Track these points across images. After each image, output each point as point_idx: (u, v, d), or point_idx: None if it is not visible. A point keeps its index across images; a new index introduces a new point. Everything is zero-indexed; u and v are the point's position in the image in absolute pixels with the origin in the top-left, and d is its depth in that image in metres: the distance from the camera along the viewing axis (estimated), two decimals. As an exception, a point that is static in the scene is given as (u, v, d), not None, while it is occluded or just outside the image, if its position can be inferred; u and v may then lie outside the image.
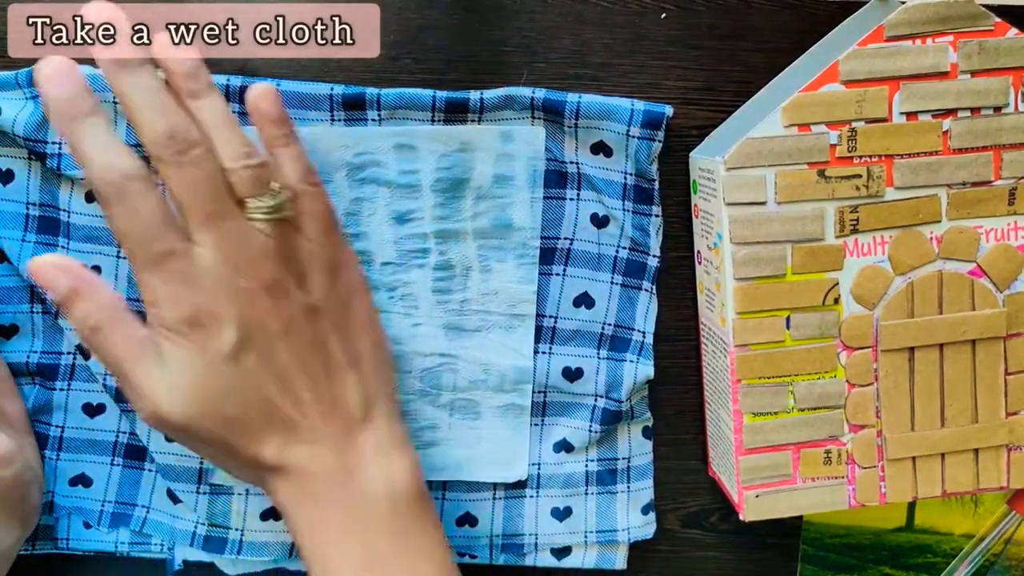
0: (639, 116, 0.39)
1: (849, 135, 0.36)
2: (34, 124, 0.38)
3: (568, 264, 0.41)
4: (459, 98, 0.39)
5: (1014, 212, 0.38)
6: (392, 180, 0.39)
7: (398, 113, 0.39)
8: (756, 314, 0.37)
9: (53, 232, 0.39)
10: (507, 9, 0.41)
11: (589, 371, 0.41)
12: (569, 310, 0.41)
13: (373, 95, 0.39)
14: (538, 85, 0.40)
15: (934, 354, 0.38)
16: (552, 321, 0.41)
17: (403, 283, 0.40)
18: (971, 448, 0.38)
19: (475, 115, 0.39)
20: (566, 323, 0.41)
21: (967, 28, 0.36)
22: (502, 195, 0.40)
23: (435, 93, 0.39)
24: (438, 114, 0.39)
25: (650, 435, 0.43)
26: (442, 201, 0.40)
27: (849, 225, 0.37)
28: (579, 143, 0.40)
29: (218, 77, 0.38)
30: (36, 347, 0.40)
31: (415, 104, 0.39)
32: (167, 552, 0.41)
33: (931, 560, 0.45)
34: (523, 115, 0.39)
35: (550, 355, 0.41)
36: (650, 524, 0.43)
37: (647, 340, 0.42)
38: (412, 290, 0.40)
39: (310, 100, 0.39)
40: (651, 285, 0.42)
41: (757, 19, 0.41)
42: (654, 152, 0.40)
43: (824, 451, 0.38)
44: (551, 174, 0.40)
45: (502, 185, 0.40)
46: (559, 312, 0.41)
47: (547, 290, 0.41)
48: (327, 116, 0.39)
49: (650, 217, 0.41)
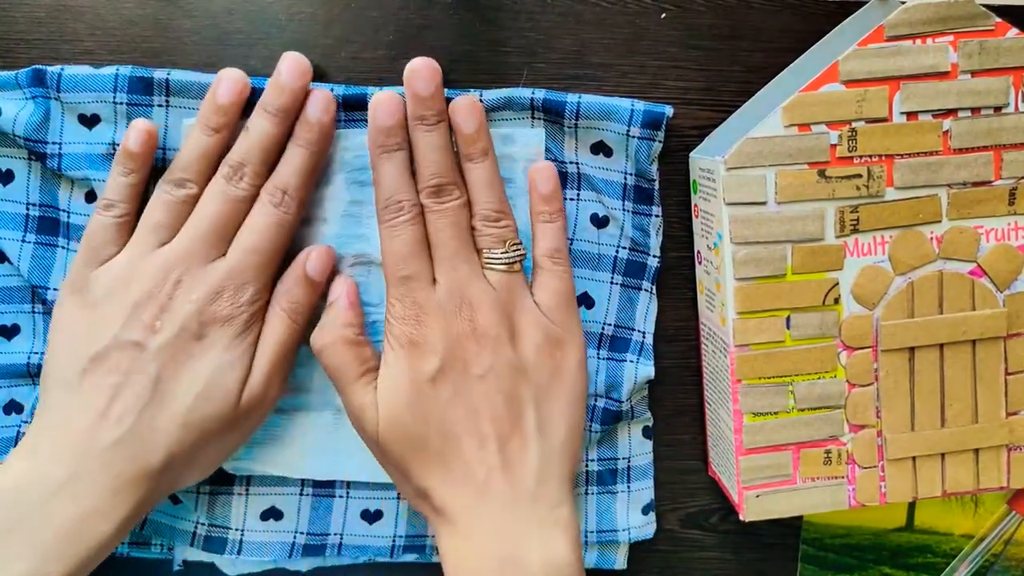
0: (639, 116, 0.39)
1: (849, 135, 0.36)
2: (34, 124, 0.38)
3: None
4: (460, 94, 0.39)
5: (1014, 212, 0.38)
6: None
7: None
8: (756, 314, 0.37)
9: (53, 232, 0.39)
10: (507, 9, 0.41)
11: (589, 371, 0.41)
12: None
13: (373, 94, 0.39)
14: (538, 85, 0.40)
15: (934, 354, 0.38)
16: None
17: None
18: (971, 448, 0.38)
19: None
20: None
21: (967, 28, 0.36)
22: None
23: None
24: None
25: (650, 435, 0.43)
26: None
27: (849, 225, 0.37)
28: (579, 143, 0.40)
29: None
30: (36, 347, 0.40)
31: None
32: (167, 553, 0.41)
33: (931, 560, 0.45)
34: (523, 115, 0.39)
35: None
36: (650, 524, 0.43)
37: (647, 340, 0.42)
38: None
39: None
40: (651, 285, 0.42)
41: (757, 19, 0.41)
42: (654, 152, 0.40)
43: (824, 451, 0.38)
44: None
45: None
46: None
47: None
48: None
49: (650, 217, 0.41)
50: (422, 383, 0.35)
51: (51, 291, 0.39)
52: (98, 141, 0.38)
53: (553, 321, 0.37)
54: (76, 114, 0.38)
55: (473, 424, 0.35)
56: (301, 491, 0.41)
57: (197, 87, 0.38)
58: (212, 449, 0.36)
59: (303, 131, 0.37)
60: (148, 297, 0.35)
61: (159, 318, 0.35)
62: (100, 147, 0.38)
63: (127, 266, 0.36)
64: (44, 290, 0.39)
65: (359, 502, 0.41)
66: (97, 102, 0.38)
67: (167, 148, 0.38)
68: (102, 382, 0.34)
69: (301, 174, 0.37)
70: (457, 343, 0.36)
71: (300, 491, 0.41)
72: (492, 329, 0.36)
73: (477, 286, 0.36)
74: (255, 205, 0.37)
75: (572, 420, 0.37)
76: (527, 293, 0.38)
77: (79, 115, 0.38)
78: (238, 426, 0.37)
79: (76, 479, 0.33)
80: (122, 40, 0.40)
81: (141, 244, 0.36)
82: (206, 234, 0.36)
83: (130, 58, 0.40)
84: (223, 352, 0.36)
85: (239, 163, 0.36)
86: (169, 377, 0.35)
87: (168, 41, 0.40)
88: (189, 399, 0.35)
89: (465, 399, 0.35)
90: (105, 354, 0.35)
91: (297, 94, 0.37)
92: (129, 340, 0.35)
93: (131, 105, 0.38)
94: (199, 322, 0.35)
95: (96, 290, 0.36)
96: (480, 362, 0.36)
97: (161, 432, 0.34)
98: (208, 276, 0.36)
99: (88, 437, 0.34)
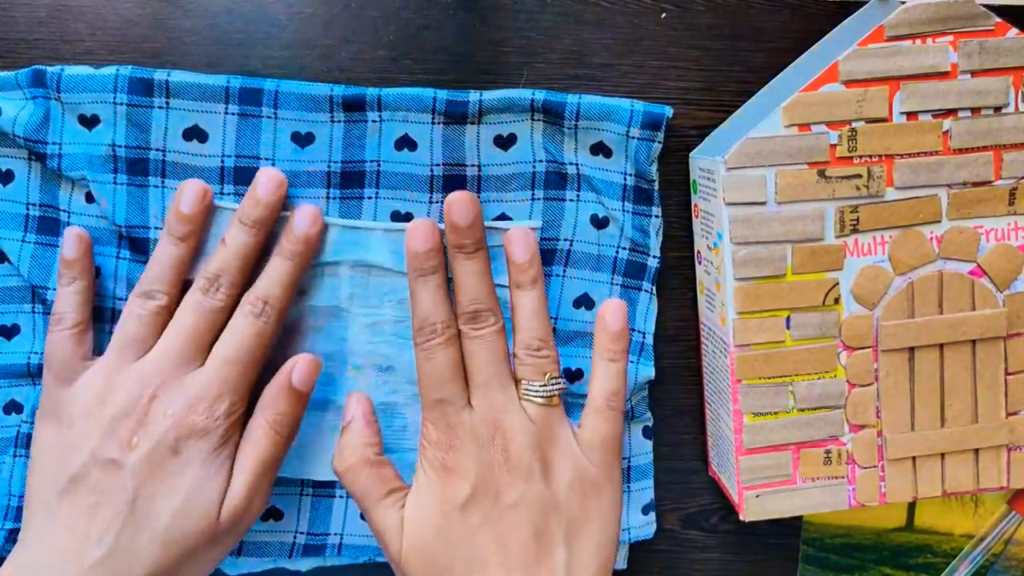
0: (639, 117, 0.39)
1: (849, 135, 0.36)
2: (34, 124, 0.38)
3: (568, 265, 0.41)
4: (459, 100, 0.39)
5: (1014, 212, 0.38)
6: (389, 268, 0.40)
7: (398, 115, 0.39)
8: (756, 314, 0.37)
9: (53, 232, 0.39)
10: (506, 9, 0.41)
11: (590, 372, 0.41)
12: (569, 311, 0.41)
13: (373, 96, 0.39)
14: (538, 85, 0.40)
15: (934, 354, 0.38)
16: (553, 322, 0.41)
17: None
18: (971, 448, 0.38)
19: (474, 118, 0.39)
20: (566, 324, 0.41)
21: (967, 28, 0.36)
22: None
23: (435, 94, 0.39)
24: (438, 116, 0.39)
25: (650, 435, 0.43)
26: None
27: (849, 225, 0.37)
28: (579, 144, 0.40)
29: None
30: (36, 347, 0.40)
31: (415, 106, 0.39)
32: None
33: (931, 560, 0.45)
34: (523, 117, 0.39)
35: None
36: (650, 524, 0.43)
37: (647, 340, 0.42)
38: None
39: (310, 101, 0.39)
40: (651, 286, 0.42)
41: (757, 19, 0.41)
42: (654, 153, 0.40)
43: (824, 451, 0.38)
44: (551, 175, 0.40)
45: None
46: (559, 313, 0.41)
47: (547, 291, 0.41)
48: (327, 117, 0.39)
49: (650, 218, 0.41)
50: (452, 509, 0.35)
51: (51, 291, 0.39)
52: (98, 142, 0.38)
53: (592, 461, 0.37)
54: (76, 115, 0.38)
55: (500, 555, 0.35)
56: (301, 491, 0.41)
57: (198, 89, 0.38)
58: (196, 564, 0.36)
59: (289, 243, 0.38)
60: (124, 414, 0.35)
61: (136, 434, 0.35)
62: (100, 148, 0.38)
63: (102, 383, 0.36)
64: (44, 290, 0.39)
65: (359, 502, 0.41)
66: (97, 103, 0.38)
67: (167, 150, 0.38)
68: (81, 502, 0.34)
69: (284, 285, 0.37)
70: (489, 471, 0.36)
71: (300, 491, 0.41)
72: (525, 459, 0.36)
73: (512, 415, 0.36)
74: (236, 315, 0.37)
75: (602, 563, 0.36)
76: (566, 427, 0.38)
77: (79, 116, 0.38)
78: (220, 541, 0.36)
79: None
80: (122, 40, 0.40)
81: (115, 359, 0.36)
82: (182, 347, 0.36)
83: (130, 58, 0.40)
84: (201, 467, 0.35)
85: (215, 275, 0.37)
86: (147, 495, 0.34)
87: (168, 41, 0.40)
88: (167, 517, 0.34)
89: (494, 528, 0.35)
90: (83, 473, 0.34)
91: (274, 207, 0.38)
92: (106, 458, 0.34)
93: (131, 106, 0.38)
94: (175, 436, 0.35)
95: (71, 411, 0.35)
96: (511, 492, 0.35)
97: (142, 551, 0.34)
98: (184, 389, 0.35)
99: (70, 558, 0.33)
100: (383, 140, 0.39)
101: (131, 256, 0.39)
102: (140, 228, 0.39)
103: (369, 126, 0.39)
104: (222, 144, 0.39)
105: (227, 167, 0.39)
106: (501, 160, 0.40)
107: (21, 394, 0.40)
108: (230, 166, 0.39)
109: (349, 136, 0.39)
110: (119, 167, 0.38)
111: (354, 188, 0.40)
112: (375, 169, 0.39)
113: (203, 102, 0.38)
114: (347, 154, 0.39)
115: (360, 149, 0.39)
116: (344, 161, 0.39)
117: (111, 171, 0.38)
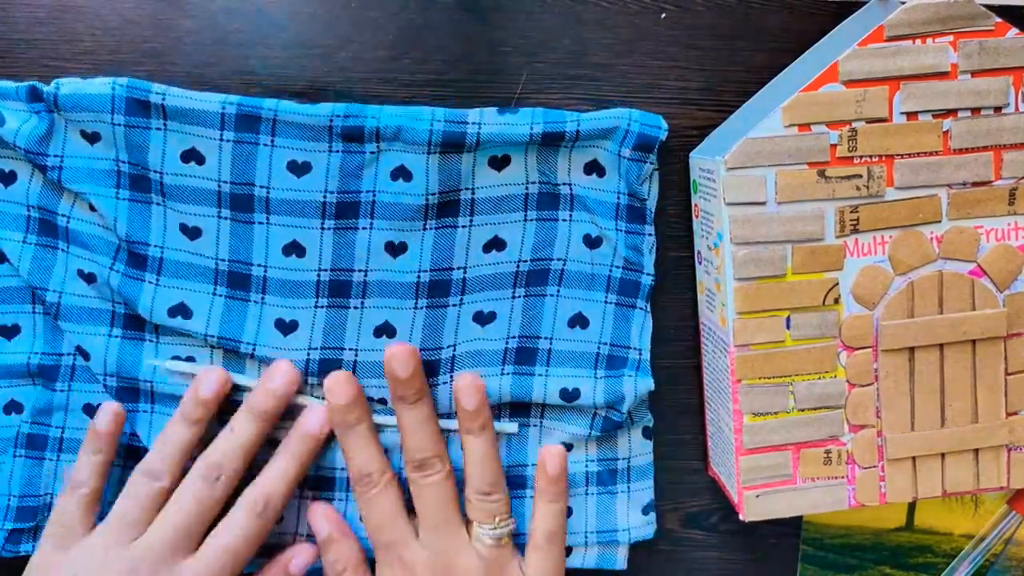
0: (632, 138, 0.39)
1: (849, 135, 0.36)
2: (37, 137, 0.37)
3: (562, 285, 0.41)
4: (457, 130, 0.38)
5: (1014, 212, 0.38)
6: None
7: (395, 145, 0.38)
8: (756, 314, 0.37)
9: (53, 235, 0.39)
10: (507, 9, 0.41)
11: (586, 391, 0.41)
12: (564, 331, 0.41)
13: (372, 128, 0.38)
14: (538, 85, 0.40)
15: (934, 354, 0.38)
16: (547, 343, 0.41)
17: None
18: (971, 448, 0.38)
19: (471, 147, 0.39)
20: (561, 344, 0.41)
21: (967, 28, 0.36)
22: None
23: (432, 122, 0.38)
24: (434, 147, 0.38)
25: (650, 435, 0.43)
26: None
27: (849, 225, 0.37)
28: (572, 164, 0.40)
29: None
30: (37, 348, 0.40)
31: (412, 138, 0.38)
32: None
33: (931, 560, 0.45)
34: (519, 146, 0.39)
35: (547, 377, 0.41)
36: (650, 524, 0.43)
37: (644, 356, 0.41)
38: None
39: (308, 131, 0.38)
40: (645, 303, 0.41)
41: (757, 19, 0.41)
42: (645, 173, 0.40)
43: (824, 451, 0.38)
44: (544, 196, 0.40)
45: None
46: (554, 333, 0.41)
47: (541, 311, 0.41)
48: (325, 147, 0.38)
49: (643, 236, 0.41)
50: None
51: (51, 292, 0.39)
52: (101, 156, 0.38)
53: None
54: (78, 130, 0.38)
55: None
56: (301, 491, 0.41)
57: (193, 114, 0.37)
58: None
59: (297, 443, 0.39)
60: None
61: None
62: (103, 163, 0.38)
63: (96, 562, 0.36)
64: (44, 291, 0.39)
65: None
66: (96, 122, 0.37)
67: (165, 172, 0.38)
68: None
69: (287, 483, 0.38)
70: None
71: (300, 491, 0.41)
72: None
73: (464, 557, 0.38)
74: (236, 509, 0.37)
75: None
76: (515, 566, 0.39)
77: (80, 131, 0.38)
78: None
79: None
80: (122, 40, 0.40)
81: (113, 537, 0.36)
82: (175, 536, 0.36)
83: (130, 58, 0.39)
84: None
85: (218, 464, 0.37)
86: None
87: (168, 41, 0.40)
88: None
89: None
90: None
91: (285, 400, 0.39)
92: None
93: (129, 127, 0.37)
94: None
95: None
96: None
97: None
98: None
99: None
100: (379, 171, 0.39)
101: (124, 270, 0.39)
102: (140, 244, 0.39)
103: (367, 157, 0.39)
104: (218, 170, 0.38)
105: (224, 192, 0.38)
106: (495, 182, 0.40)
107: (21, 394, 0.40)
108: (227, 192, 0.38)
109: (346, 166, 0.39)
110: (122, 182, 0.38)
111: (349, 219, 0.39)
112: (370, 199, 0.39)
113: (199, 127, 0.38)
114: (343, 184, 0.39)
115: (357, 180, 0.39)
116: (340, 191, 0.39)
117: (114, 185, 0.38)
